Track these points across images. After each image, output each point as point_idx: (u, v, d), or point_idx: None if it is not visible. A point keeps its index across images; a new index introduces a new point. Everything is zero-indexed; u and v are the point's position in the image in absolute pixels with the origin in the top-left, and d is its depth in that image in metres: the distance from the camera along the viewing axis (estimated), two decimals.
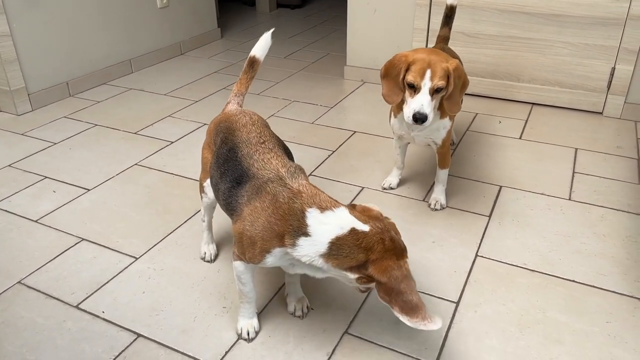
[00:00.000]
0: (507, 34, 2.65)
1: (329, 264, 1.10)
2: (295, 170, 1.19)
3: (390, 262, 1.08)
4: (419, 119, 1.53)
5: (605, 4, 2.41)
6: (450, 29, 2.06)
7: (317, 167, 2.17)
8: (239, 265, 1.24)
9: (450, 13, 2.04)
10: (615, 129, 2.47)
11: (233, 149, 1.28)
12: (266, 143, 1.28)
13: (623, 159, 2.19)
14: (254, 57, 1.49)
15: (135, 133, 2.47)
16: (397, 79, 1.59)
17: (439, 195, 1.89)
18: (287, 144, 2.37)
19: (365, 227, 1.10)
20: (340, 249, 1.08)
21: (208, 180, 1.45)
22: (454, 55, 1.94)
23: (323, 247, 1.09)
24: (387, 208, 1.88)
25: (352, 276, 1.10)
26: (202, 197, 1.52)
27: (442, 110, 1.70)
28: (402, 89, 1.60)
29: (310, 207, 1.11)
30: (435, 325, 1.05)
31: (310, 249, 1.09)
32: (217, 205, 1.49)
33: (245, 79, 1.51)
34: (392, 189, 2.01)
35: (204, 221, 1.58)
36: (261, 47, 1.48)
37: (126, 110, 2.72)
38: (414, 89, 1.55)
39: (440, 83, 1.53)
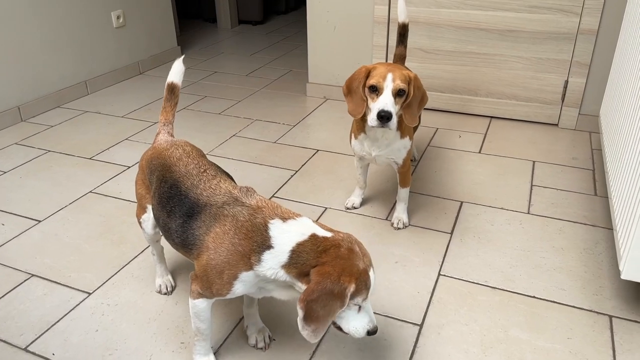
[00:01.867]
0: (463, 49, 2.69)
1: (290, 275, 1.07)
2: (248, 190, 1.18)
3: (334, 271, 1.02)
4: (384, 116, 1.52)
5: (557, 20, 2.48)
6: (405, 47, 2.07)
7: (280, 188, 2.14)
8: (200, 302, 1.19)
9: (403, 31, 2.06)
10: (571, 140, 2.53)
11: (175, 185, 1.24)
12: (207, 171, 1.25)
13: (579, 170, 2.24)
14: (172, 83, 1.48)
15: (90, 158, 2.39)
16: (358, 90, 1.59)
17: (401, 213, 1.88)
18: (249, 165, 2.36)
19: (327, 234, 1.08)
20: (299, 257, 1.05)
21: (144, 216, 1.41)
22: None
23: (284, 257, 1.06)
24: (350, 228, 1.86)
25: (303, 286, 1.05)
26: (143, 233, 1.48)
27: (402, 130, 1.70)
28: (364, 98, 1.59)
29: (273, 218, 1.10)
30: (309, 340, 1.04)
31: (273, 261, 1.07)
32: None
33: (170, 106, 1.49)
34: (355, 208, 2.00)
35: (154, 254, 1.54)
36: (176, 72, 1.48)
37: (81, 135, 2.64)
38: (377, 92, 1.55)
39: (403, 85, 1.54)
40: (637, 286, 1.56)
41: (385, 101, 1.54)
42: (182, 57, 1.52)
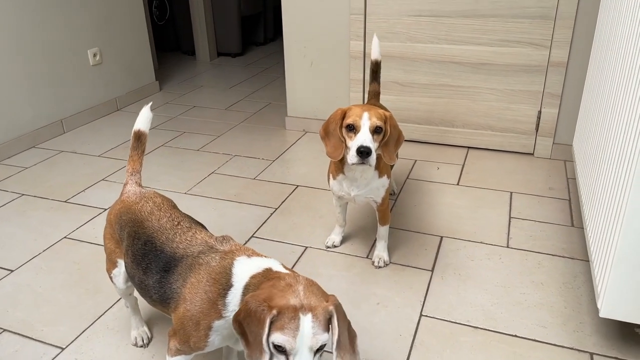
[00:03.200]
0: (438, 82, 2.74)
1: None
2: (224, 238, 1.17)
3: (261, 295, 0.96)
4: (364, 151, 1.53)
5: (527, 53, 2.54)
6: (379, 83, 2.10)
7: (259, 227, 2.12)
8: None
9: (375, 68, 2.08)
10: (547, 169, 2.57)
11: (149, 241, 1.21)
12: (181, 223, 1.23)
13: (555, 200, 2.27)
14: (138, 130, 1.45)
15: (65, 201, 2.35)
16: (336, 132, 1.60)
17: (381, 252, 1.88)
18: (228, 203, 2.34)
19: (283, 270, 1.05)
20: (248, 291, 1.02)
21: (115, 270, 1.37)
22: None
23: (239, 295, 1.03)
24: (331, 268, 1.85)
25: None
26: (115, 287, 1.44)
27: (380, 169, 1.71)
28: (342, 139, 1.60)
29: (239, 256, 1.08)
30: None
31: (234, 302, 1.04)
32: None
33: (137, 154, 1.45)
34: (335, 247, 1.99)
35: (127, 307, 1.50)
36: (143, 120, 1.45)
37: (56, 176, 2.59)
38: (354, 130, 1.57)
39: (379, 123, 1.56)
40: (616, 321, 1.56)
41: (364, 137, 1.55)
42: (150, 104, 1.51)
